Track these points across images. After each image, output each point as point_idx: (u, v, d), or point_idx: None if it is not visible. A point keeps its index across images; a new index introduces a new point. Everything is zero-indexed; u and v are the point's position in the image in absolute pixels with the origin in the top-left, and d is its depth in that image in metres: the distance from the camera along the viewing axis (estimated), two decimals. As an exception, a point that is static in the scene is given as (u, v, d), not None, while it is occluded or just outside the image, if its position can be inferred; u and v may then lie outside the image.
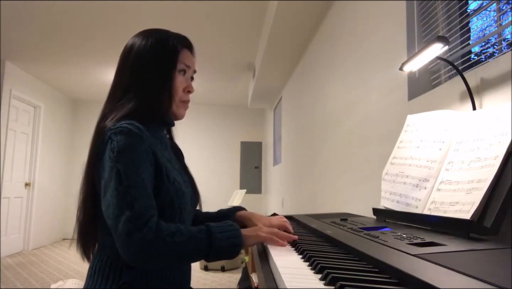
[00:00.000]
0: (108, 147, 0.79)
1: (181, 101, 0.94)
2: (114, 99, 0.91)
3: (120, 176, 0.75)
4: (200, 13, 3.43)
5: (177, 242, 0.73)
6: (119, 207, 0.72)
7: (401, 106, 1.54)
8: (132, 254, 0.71)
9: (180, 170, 0.96)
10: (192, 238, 0.75)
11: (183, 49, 0.94)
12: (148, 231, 0.71)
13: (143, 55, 0.90)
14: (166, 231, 0.73)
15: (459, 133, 0.93)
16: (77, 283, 2.86)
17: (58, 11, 3.40)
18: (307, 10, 2.84)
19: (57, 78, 5.54)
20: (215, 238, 0.77)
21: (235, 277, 3.95)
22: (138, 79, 0.89)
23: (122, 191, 0.74)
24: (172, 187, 0.84)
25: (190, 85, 0.96)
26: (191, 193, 0.93)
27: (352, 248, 0.71)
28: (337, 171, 2.43)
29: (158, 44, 0.91)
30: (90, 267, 0.87)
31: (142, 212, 0.72)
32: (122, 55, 0.94)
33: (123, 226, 0.71)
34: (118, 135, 0.79)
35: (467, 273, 0.48)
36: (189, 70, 0.95)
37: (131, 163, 0.77)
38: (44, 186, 5.80)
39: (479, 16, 1.29)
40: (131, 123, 0.81)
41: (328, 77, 2.74)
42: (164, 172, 0.84)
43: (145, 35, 0.93)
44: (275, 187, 5.69)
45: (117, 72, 0.94)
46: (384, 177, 1.16)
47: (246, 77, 5.44)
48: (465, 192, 0.81)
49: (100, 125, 0.87)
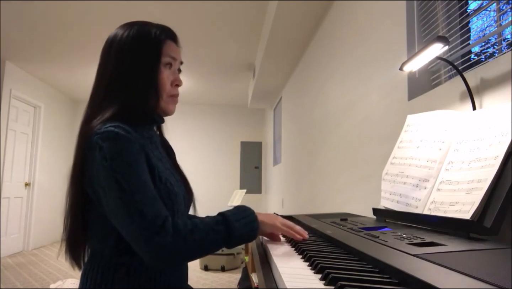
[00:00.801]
0: (99, 155, 0.74)
1: (170, 96, 0.89)
2: (97, 99, 0.85)
3: (120, 184, 0.71)
4: (200, 13, 3.43)
5: (197, 239, 0.73)
6: (129, 216, 0.70)
7: (401, 106, 1.54)
8: (156, 259, 0.70)
9: (171, 168, 0.93)
10: (211, 232, 0.75)
11: (167, 40, 0.88)
12: (166, 234, 0.70)
13: (125, 49, 0.84)
14: (184, 230, 0.72)
15: (459, 133, 0.93)
16: (75, 283, 2.86)
17: (58, 11, 3.40)
18: (307, 10, 2.84)
19: (57, 78, 5.54)
20: (233, 227, 0.77)
21: (235, 277, 3.95)
22: (121, 76, 0.84)
23: (127, 200, 0.71)
24: (164, 189, 0.80)
25: (178, 78, 0.91)
26: (184, 192, 0.90)
27: (352, 248, 0.71)
28: (337, 170, 2.43)
29: (139, 36, 0.85)
30: (82, 274, 0.84)
31: (154, 216, 0.71)
32: (103, 49, 0.88)
33: (139, 234, 0.69)
34: (106, 142, 0.74)
35: (467, 273, 0.48)
36: (175, 62, 0.90)
37: (127, 167, 0.73)
38: (44, 186, 5.80)
39: (479, 16, 1.29)
40: (117, 126, 0.76)
41: (328, 77, 2.74)
42: (156, 173, 0.80)
43: (126, 27, 0.87)
44: (275, 187, 5.69)
45: (98, 69, 0.88)
46: (384, 177, 1.16)
47: (246, 77, 5.44)
48: (465, 192, 0.81)
49: (85, 127, 0.82)
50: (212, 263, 4.31)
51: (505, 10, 1.17)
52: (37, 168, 5.57)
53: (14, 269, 4.25)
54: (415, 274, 0.49)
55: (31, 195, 5.49)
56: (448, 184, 0.88)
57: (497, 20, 1.20)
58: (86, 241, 0.85)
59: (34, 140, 5.57)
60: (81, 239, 0.85)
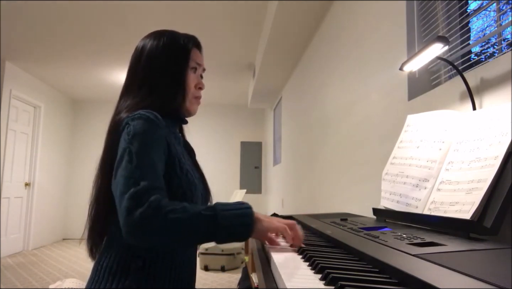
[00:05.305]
0: (125, 131, 0.79)
1: (194, 98, 0.98)
2: (129, 96, 0.92)
3: (131, 155, 0.74)
4: (200, 13, 3.43)
5: (179, 219, 0.69)
6: (126, 185, 0.71)
7: (401, 106, 1.54)
8: (130, 231, 0.68)
9: (192, 166, 0.95)
10: (196, 215, 0.71)
11: (193, 48, 0.98)
12: (148, 206, 0.67)
13: (156, 55, 0.93)
14: (169, 207, 0.69)
15: (459, 133, 0.93)
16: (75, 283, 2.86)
17: (58, 11, 3.40)
18: (307, 10, 2.84)
19: (57, 78, 5.54)
20: (222, 215, 0.71)
21: (235, 277, 3.95)
22: (152, 77, 0.92)
23: (131, 170, 0.73)
24: (185, 179, 0.84)
25: (201, 82, 1.01)
26: (202, 189, 0.92)
27: (352, 248, 0.71)
28: (337, 170, 2.43)
29: (170, 43, 0.94)
30: (97, 262, 0.84)
31: (148, 189, 0.70)
32: (134, 56, 0.96)
33: (125, 203, 0.68)
34: (135, 121, 0.80)
35: (467, 273, 0.48)
36: (199, 67, 1.00)
37: (144, 145, 0.77)
38: (44, 186, 5.80)
39: (479, 16, 1.29)
40: (149, 111, 0.82)
41: (328, 77, 2.74)
42: (177, 162, 0.84)
43: (155, 36, 0.96)
44: (275, 187, 5.69)
45: (129, 73, 0.96)
46: (384, 177, 1.16)
47: (246, 77, 5.44)
48: (465, 192, 0.81)
49: (116, 118, 0.87)
50: (212, 263, 4.32)
51: (505, 10, 1.17)
52: (37, 168, 5.57)
53: (14, 269, 4.25)
54: (415, 274, 0.49)
55: (31, 195, 5.49)
56: (448, 184, 0.88)
57: (497, 20, 1.20)
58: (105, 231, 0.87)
59: (34, 140, 5.57)
60: (101, 228, 0.86)
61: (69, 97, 6.67)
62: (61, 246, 5.85)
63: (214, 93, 6.28)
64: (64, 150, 6.52)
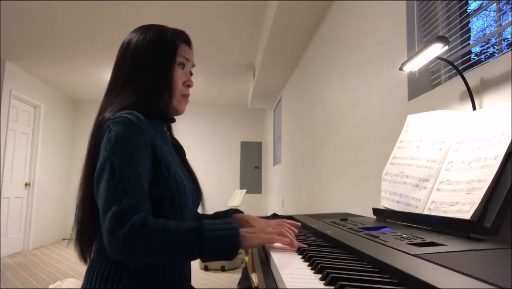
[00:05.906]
0: (106, 137, 0.75)
1: (181, 96, 0.93)
2: (113, 94, 0.89)
3: (113, 168, 0.71)
4: (200, 13, 3.43)
5: (163, 240, 0.68)
6: (108, 201, 0.69)
7: (401, 106, 1.54)
8: (113, 250, 0.67)
9: (181, 165, 0.93)
10: (181, 237, 0.69)
11: (182, 43, 0.93)
12: (130, 227, 0.66)
13: (142, 50, 0.89)
14: (152, 227, 0.68)
15: (459, 133, 0.93)
16: (75, 283, 2.86)
17: (58, 11, 3.40)
18: (307, 10, 2.84)
19: (57, 78, 5.53)
20: (207, 237, 0.69)
21: (235, 277, 3.95)
22: (137, 74, 0.88)
23: (114, 184, 0.70)
24: (172, 181, 0.81)
25: (190, 79, 0.95)
26: (193, 189, 0.90)
27: (352, 248, 0.71)
28: (337, 170, 2.43)
29: (156, 38, 0.90)
30: (89, 268, 0.83)
31: (131, 207, 0.68)
32: (120, 50, 0.92)
33: (108, 222, 0.67)
34: (116, 125, 0.76)
35: (467, 273, 0.48)
36: (188, 63, 0.95)
37: (127, 155, 0.73)
38: (44, 186, 5.80)
39: (479, 16, 1.29)
40: (132, 113, 0.78)
41: (328, 77, 2.74)
42: (163, 165, 0.81)
43: (142, 30, 0.92)
44: (275, 187, 5.69)
45: (115, 68, 0.92)
46: (384, 177, 1.16)
47: (246, 77, 5.43)
48: (465, 192, 0.81)
49: (99, 118, 0.84)
50: (212, 263, 4.31)
51: (505, 10, 1.17)
52: (37, 168, 5.57)
53: (14, 269, 4.25)
54: (415, 274, 0.49)
55: (31, 195, 5.48)
56: (448, 184, 0.88)
57: (497, 20, 1.20)
58: (95, 235, 0.84)
59: (34, 140, 5.57)
60: (90, 232, 0.83)
61: (69, 97, 6.67)
62: (61, 246, 5.85)
63: (214, 93, 6.28)
64: (64, 150, 6.52)
